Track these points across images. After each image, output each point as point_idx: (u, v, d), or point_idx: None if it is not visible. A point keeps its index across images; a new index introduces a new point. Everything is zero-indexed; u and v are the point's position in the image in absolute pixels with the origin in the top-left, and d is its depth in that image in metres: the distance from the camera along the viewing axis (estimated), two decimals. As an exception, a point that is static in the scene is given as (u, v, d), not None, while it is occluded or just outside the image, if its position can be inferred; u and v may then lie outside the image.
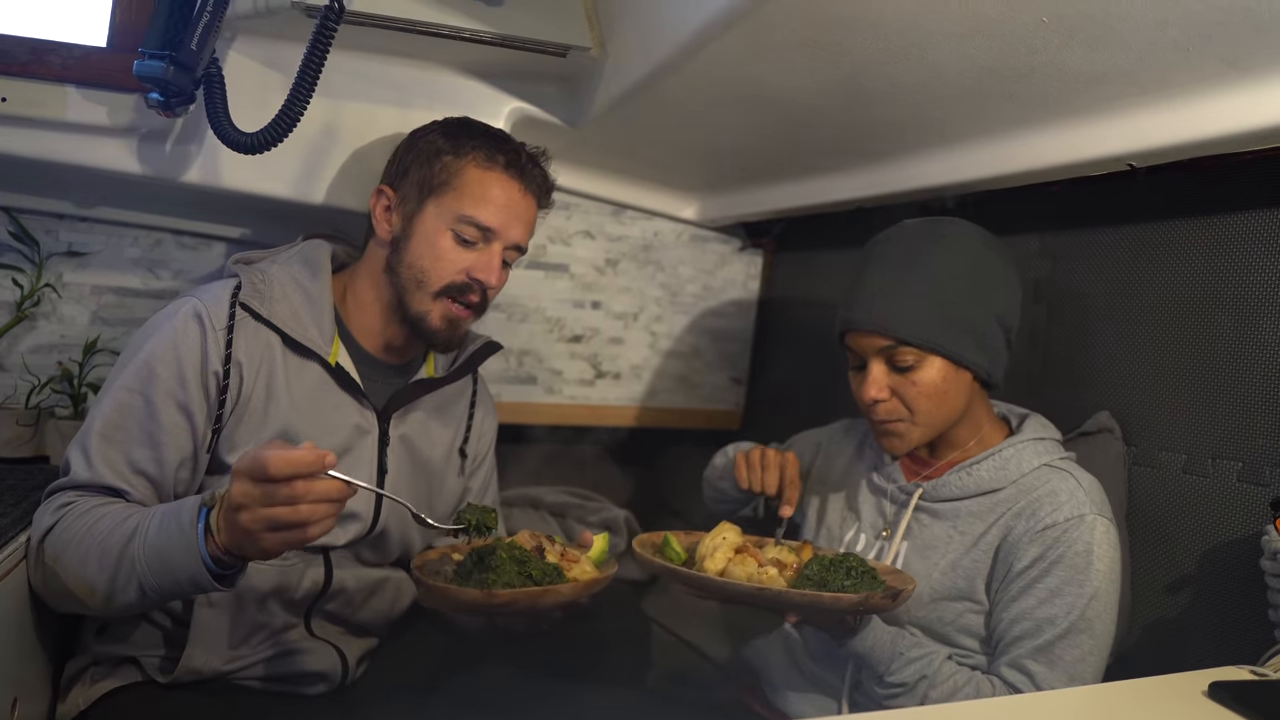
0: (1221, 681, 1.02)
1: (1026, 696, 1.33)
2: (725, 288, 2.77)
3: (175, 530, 1.22)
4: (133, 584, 1.24)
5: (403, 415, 1.62)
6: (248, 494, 1.12)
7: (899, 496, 1.60)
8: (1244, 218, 1.49)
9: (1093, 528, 1.40)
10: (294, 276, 1.56)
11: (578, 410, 2.61)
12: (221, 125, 1.58)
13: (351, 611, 1.59)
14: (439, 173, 1.55)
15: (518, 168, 1.57)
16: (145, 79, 1.52)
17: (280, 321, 1.49)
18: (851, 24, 1.36)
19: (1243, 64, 1.24)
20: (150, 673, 1.45)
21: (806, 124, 1.84)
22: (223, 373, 1.44)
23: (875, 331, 1.48)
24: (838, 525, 1.68)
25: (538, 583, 1.27)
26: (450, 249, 1.54)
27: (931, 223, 1.54)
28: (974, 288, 1.48)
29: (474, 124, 1.62)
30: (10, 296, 1.94)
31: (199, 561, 1.19)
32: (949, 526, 1.52)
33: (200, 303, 1.46)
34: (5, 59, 1.63)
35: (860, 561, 1.36)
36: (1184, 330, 1.56)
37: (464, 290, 1.55)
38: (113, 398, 1.40)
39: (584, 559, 1.40)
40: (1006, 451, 1.51)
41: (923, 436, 1.53)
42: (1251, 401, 1.45)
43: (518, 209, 1.57)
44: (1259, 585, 1.28)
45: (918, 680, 1.41)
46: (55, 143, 1.69)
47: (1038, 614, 1.38)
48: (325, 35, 1.51)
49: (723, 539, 1.42)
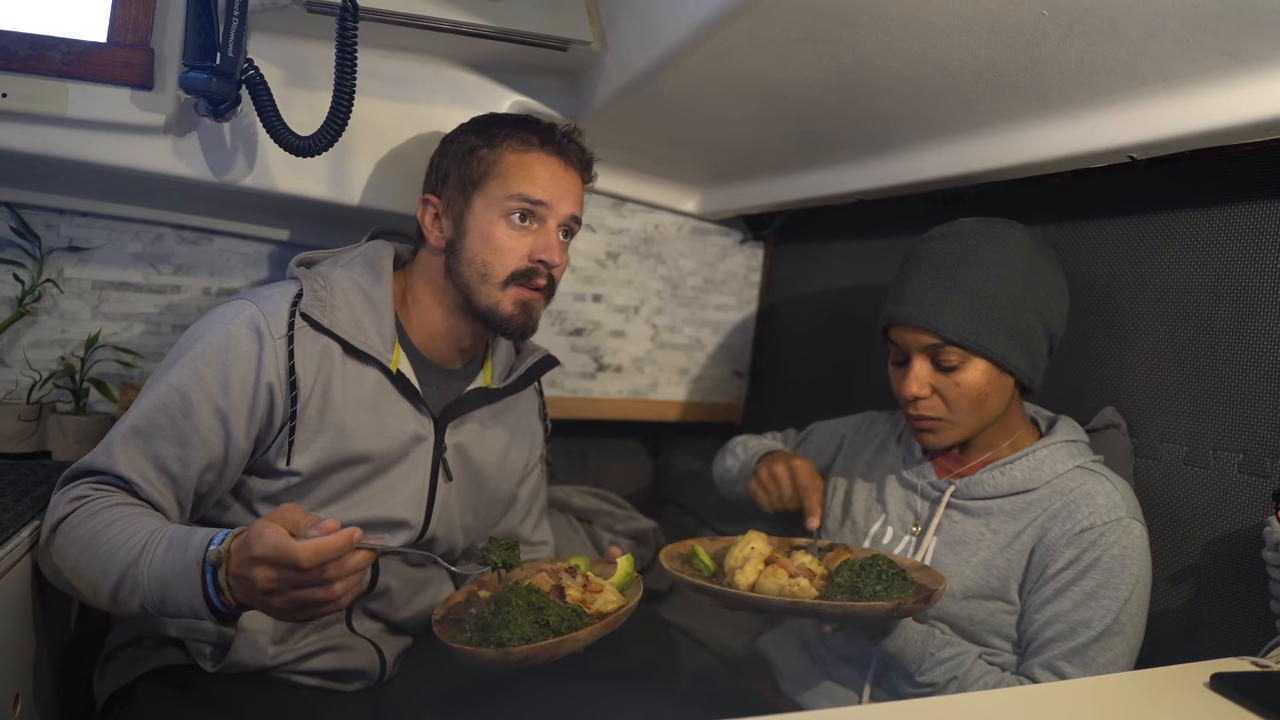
0: (1223, 673, 1.02)
1: (1032, 687, 1.33)
2: (726, 280, 2.77)
3: (180, 567, 1.20)
4: (134, 600, 1.24)
5: (459, 424, 1.62)
6: (277, 579, 1.12)
7: (930, 493, 1.59)
8: (1244, 209, 1.49)
9: (1129, 531, 1.40)
10: (356, 281, 1.55)
11: (579, 403, 2.62)
12: (277, 130, 1.63)
13: (394, 611, 1.61)
14: (478, 166, 1.55)
15: (554, 144, 1.57)
16: (192, 91, 1.58)
17: (342, 330, 1.49)
18: (852, 17, 1.36)
19: (1242, 55, 1.24)
20: (196, 659, 1.46)
21: (807, 116, 1.83)
22: (282, 385, 1.43)
23: (923, 328, 1.47)
24: (863, 518, 1.68)
25: (556, 631, 1.24)
26: (506, 236, 1.53)
27: (985, 223, 1.53)
28: (1024, 293, 1.47)
29: (501, 115, 1.63)
30: (11, 291, 1.94)
31: (202, 603, 1.19)
32: (981, 525, 1.51)
33: (259, 310, 1.45)
34: (5, 54, 1.63)
35: (890, 563, 1.36)
36: (1185, 322, 1.56)
37: (530, 275, 1.54)
38: (155, 393, 1.39)
39: (608, 587, 1.37)
40: (1041, 452, 1.51)
41: (959, 436, 1.53)
42: (1252, 393, 1.45)
43: (563, 182, 1.57)
44: (1260, 576, 1.28)
45: (948, 681, 1.41)
46: (56, 138, 1.69)
47: (1073, 616, 1.38)
48: (349, 35, 1.56)
49: (751, 549, 1.43)
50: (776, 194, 2.32)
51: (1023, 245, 1.50)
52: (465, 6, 1.72)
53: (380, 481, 1.53)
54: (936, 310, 1.46)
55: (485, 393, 1.65)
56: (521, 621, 1.25)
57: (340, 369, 1.49)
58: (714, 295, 2.77)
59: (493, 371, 1.69)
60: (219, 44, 1.54)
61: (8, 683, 1.32)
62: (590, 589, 1.36)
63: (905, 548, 1.58)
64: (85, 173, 1.79)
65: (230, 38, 1.55)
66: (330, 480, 1.49)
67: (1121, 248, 1.69)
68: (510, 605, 1.27)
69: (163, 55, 1.73)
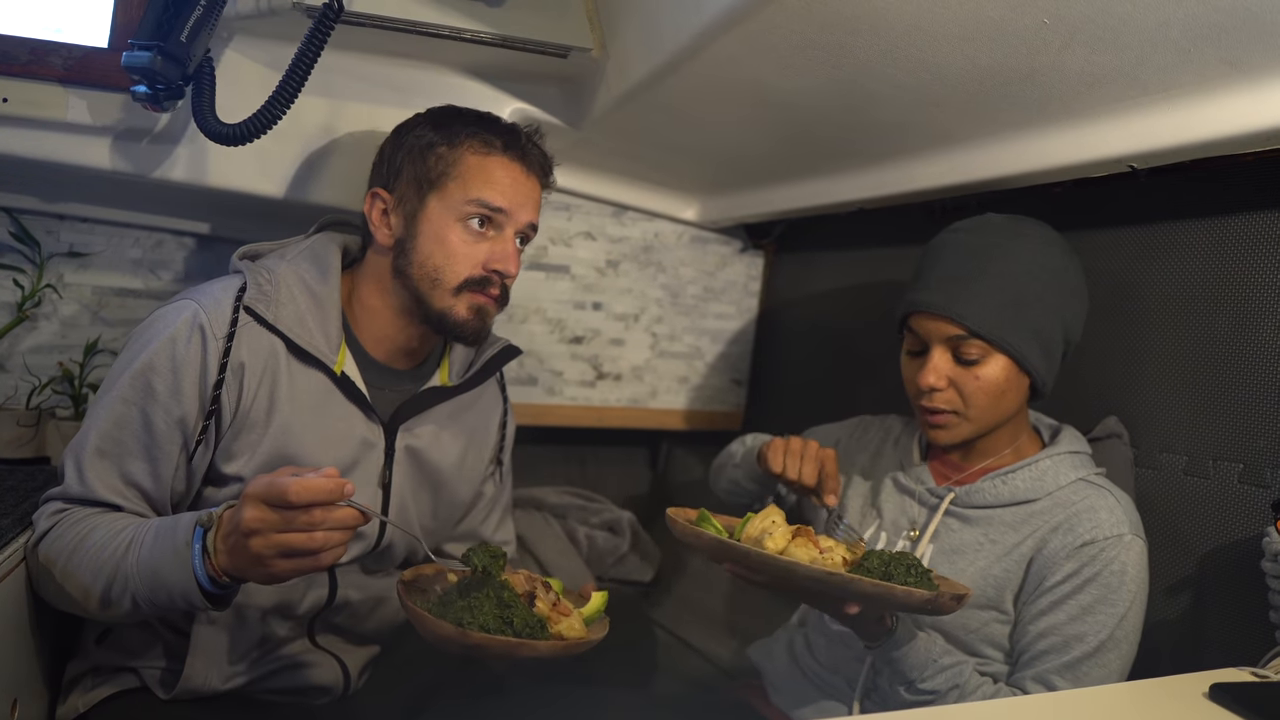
0: (1222, 683, 1.02)
1: (1030, 698, 1.32)
2: (726, 289, 2.77)
3: (169, 550, 1.20)
4: (126, 597, 1.24)
5: (411, 426, 1.56)
6: (262, 519, 1.11)
7: (928, 499, 1.57)
8: (1245, 219, 1.49)
9: (1130, 548, 1.39)
10: (301, 276, 1.48)
11: (579, 411, 2.61)
12: (204, 116, 1.55)
13: (356, 623, 1.56)
14: (435, 165, 1.47)
15: (517, 149, 1.50)
16: (132, 70, 1.49)
17: (285, 327, 1.42)
18: (852, 25, 1.36)
19: (1244, 65, 1.24)
20: (150, 685, 1.44)
21: (808, 125, 1.84)
22: (227, 382, 1.39)
23: (948, 318, 1.45)
24: (857, 522, 1.66)
25: (517, 633, 1.22)
26: (462, 242, 1.46)
27: (1015, 220, 1.52)
28: (1049, 293, 1.45)
29: (462, 111, 1.55)
30: (11, 297, 1.94)
31: (193, 583, 1.18)
32: (980, 533, 1.50)
33: (200, 308, 1.39)
34: (6, 59, 1.63)
35: (917, 561, 1.33)
36: (1185, 331, 1.56)
37: (483, 283, 1.48)
38: (108, 409, 1.36)
39: (575, 614, 1.33)
40: (1044, 463, 1.49)
41: (970, 433, 1.51)
42: (1252, 403, 1.45)
43: (524, 188, 1.51)
44: (1260, 587, 1.28)
45: (949, 689, 1.39)
46: (56, 143, 1.69)
47: (1067, 630, 1.37)
48: (321, 33, 1.50)
49: (772, 522, 1.36)
50: (776, 202, 2.32)
51: (1053, 244, 1.48)
52: (466, 13, 1.72)
53: None
54: (964, 300, 1.44)
55: (440, 391, 1.59)
56: (487, 611, 1.23)
57: (286, 368, 1.43)
58: (714, 304, 2.77)
59: (450, 369, 1.63)
60: (177, 27, 1.48)
61: (6, 688, 1.32)
62: (559, 609, 1.32)
63: None
64: (85, 178, 1.79)
65: (189, 23, 1.49)
66: None
67: (1122, 257, 1.69)
68: (480, 592, 1.25)
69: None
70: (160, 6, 1.48)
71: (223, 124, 1.54)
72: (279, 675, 1.50)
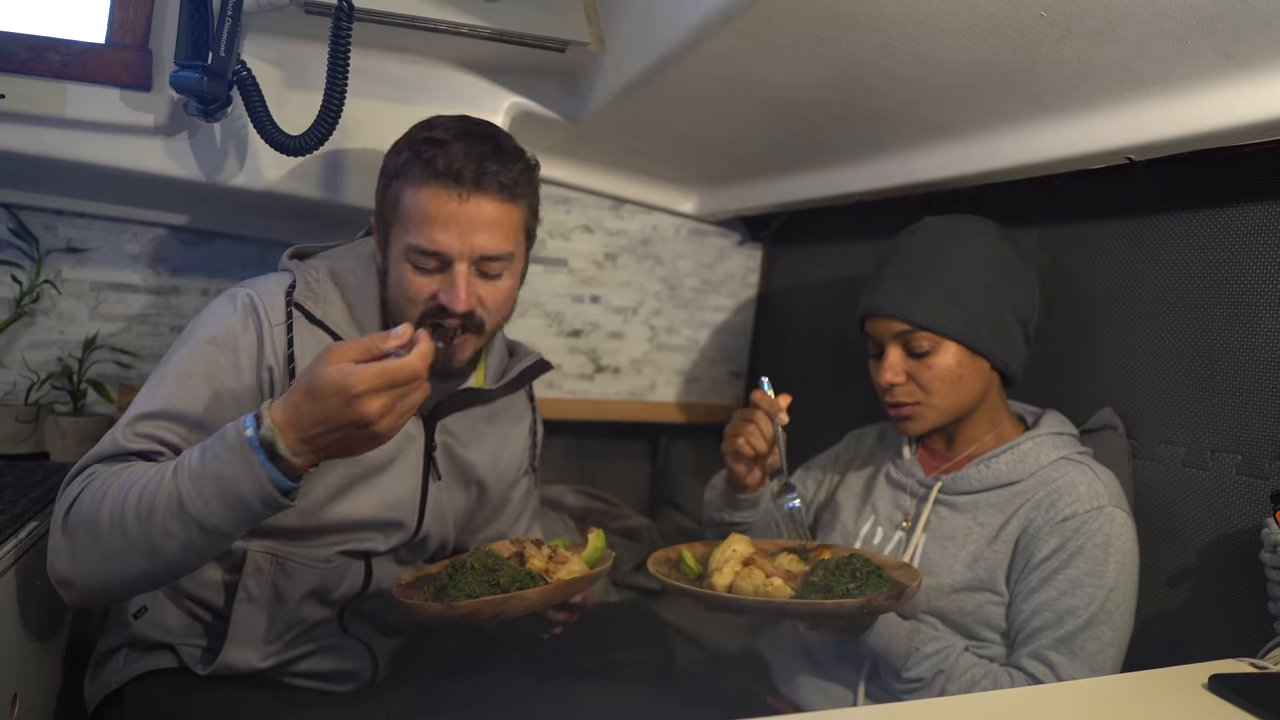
0: (1222, 674, 1.02)
1: (1028, 689, 1.33)
2: (724, 282, 2.77)
3: (223, 449, 1.16)
4: (178, 524, 1.16)
5: (449, 423, 1.59)
6: (342, 374, 1.11)
7: (918, 490, 1.61)
8: (1242, 211, 1.49)
9: (1111, 519, 1.41)
10: (345, 277, 1.51)
11: (577, 404, 2.62)
12: (266, 129, 1.62)
13: (386, 612, 1.58)
14: (389, 201, 1.44)
15: (451, 175, 1.38)
16: (182, 90, 1.56)
17: (332, 323, 1.45)
18: (850, 18, 1.36)
19: (1240, 57, 1.24)
20: (188, 663, 1.45)
21: (805, 118, 1.84)
22: (281, 370, 1.40)
23: (892, 316, 1.53)
24: (853, 521, 1.69)
25: (505, 590, 1.23)
26: (412, 279, 1.42)
27: (954, 219, 1.60)
28: (989, 280, 1.52)
29: (421, 129, 1.46)
30: (9, 293, 1.94)
31: (262, 471, 1.14)
32: (968, 519, 1.53)
33: (257, 294, 1.43)
34: (4, 55, 1.63)
35: (865, 562, 1.37)
36: (1183, 323, 1.56)
37: (440, 315, 1.43)
38: (162, 379, 1.35)
39: (574, 559, 1.37)
40: (1025, 445, 1.53)
41: (937, 420, 1.56)
42: (1251, 394, 1.45)
43: (463, 219, 1.39)
44: (1259, 578, 1.28)
45: (934, 675, 1.42)
46: (54, 139, 1.70)
47: (1058, 605, 1.39)
48: (342, 35, 1.55)
49: (732, 551, 1.44)
50: (774, 195, 2.32)
51: (988, 236, 1.55)
52: (463, 7, 1.72)
53: (373, 482, 1.51)
54: (904, 299, 1.52)
55: (478, 393, 1.61)
56: (472, 580, 1.25)
57: None
58: (712, 296, 2.77)
59: (486, 372, 1.65)
60: (212, 43, 1.54)
61: (5, 683, 1.32)
62: (555, 559, 1.36)
63: (895, 546, 1.59)
64: (83, 174, 1.79)
65: (223, 38, 1.54)
66: (322, 479, 1.47)
67: (1119, 249, 1.69)
68: (465, 567, 1.27)
69: (160, 57, 1.74)
70: (195, 26, 1.54)
71: (286, 135, 1.62)
72: (311, 659, 1.52)
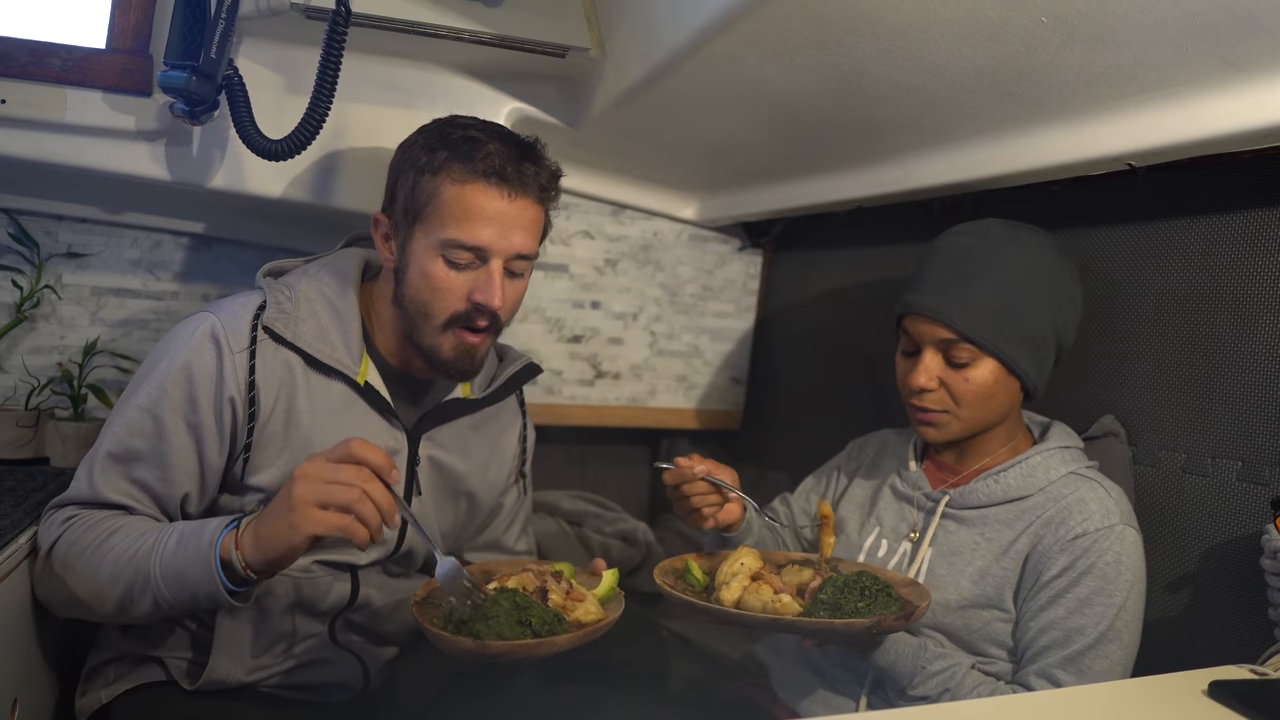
0: (1221, 680, 1.02)
1: (1031, 695, 1.32)
2: (725, 288, 2.77)
3: (194, 551, 1.26)
4: (147, 597, 1.28)
5: (434, 435, 1.57)
6: (316, 466, 1.21)
7: (925, 503, 1.58)
8: (1243, 217, 1.49)
9: (1122, 538, 1.39)
10: (322, 292, 1.49)
11: (577, 410, 2.61)
12: (248, 133, 1.61)
13: (377, 623, 1.57)
14: (419, 195, 1.42)
15: (497, 173, 1.40)
16: (169, 90, 1.56)
17: (305, 343, 1.43)
18: (851, 24, 1.36)
19: (1241, 63, 1.24)
20: (176, 676, 1.45)
21: (806, 124, 1.84)
22: (242, 399, 1.40)
23: (939, 321, 1.46)
24: (856, 532, 1.66)
25: (536, 633, 1.23)
26: (445, 276, 1.41)
27: (1012, 225, 1.53)
28: (1041, 300, 1.47)
29: (452, 127, 1.46)
30: (10, 298, 1.94)
31: (214, 579, 1.25)
32: (976, 534, 1.51)
33: (219, 322, 1.41)
34: (5, 60, 1.63)
35: (874, 579, 1.35)
36: (1183, 329, 1.56)
37: (469, 317, 1.43)
38: (124, 417, 1.39)
39: (589, 597, 1.35)
40: (1034, 459, 1.50)
41: (960, 432, 1.52)
42: (1251, 400, 1.45)
43: (507, 218, 1.41)
44: (1259, 584, 1.28)
45: (941, 694, 1.40)
46: (54, 144, 1.70)
47: (1067, 624, 1.38)
48: (337, 40, 1.54)
49: (740, 565, 1.42)
50: (775, 201, 2.32)
51: (1046, 252, 1.50)
52: (464, 13, 1.72)
53: None
54: (955, 305, 1.45)
55: (463, 404, 1.60)
56: (504, 621, 1.23)
57: (304, 383, 1.45)
58: (712, 302, 2.77)
59: (472, 382, 1.63)
60: (204, 44, 1.53)
61: (5, 688, 1.32)
62: (572, 596, 1.34)
63: (900, 560, 1.57)
64: (83, 179, 1.79)
65: (215, 40, 1.53)
66: None
67: (1120, 255, 1.69)
68: (495, 605, 1.25)
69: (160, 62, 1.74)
70: (186, 26, 1.53)
71: (267, 139, 1.59)
72: (300, 671, 1.51)
